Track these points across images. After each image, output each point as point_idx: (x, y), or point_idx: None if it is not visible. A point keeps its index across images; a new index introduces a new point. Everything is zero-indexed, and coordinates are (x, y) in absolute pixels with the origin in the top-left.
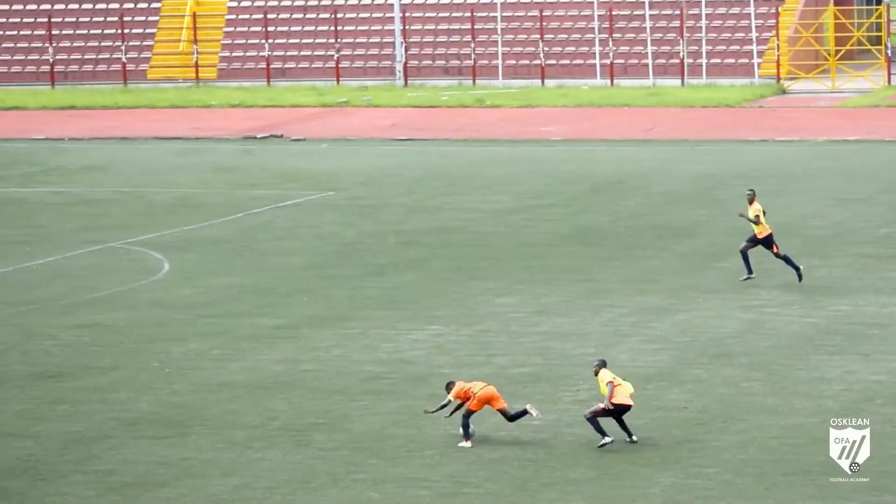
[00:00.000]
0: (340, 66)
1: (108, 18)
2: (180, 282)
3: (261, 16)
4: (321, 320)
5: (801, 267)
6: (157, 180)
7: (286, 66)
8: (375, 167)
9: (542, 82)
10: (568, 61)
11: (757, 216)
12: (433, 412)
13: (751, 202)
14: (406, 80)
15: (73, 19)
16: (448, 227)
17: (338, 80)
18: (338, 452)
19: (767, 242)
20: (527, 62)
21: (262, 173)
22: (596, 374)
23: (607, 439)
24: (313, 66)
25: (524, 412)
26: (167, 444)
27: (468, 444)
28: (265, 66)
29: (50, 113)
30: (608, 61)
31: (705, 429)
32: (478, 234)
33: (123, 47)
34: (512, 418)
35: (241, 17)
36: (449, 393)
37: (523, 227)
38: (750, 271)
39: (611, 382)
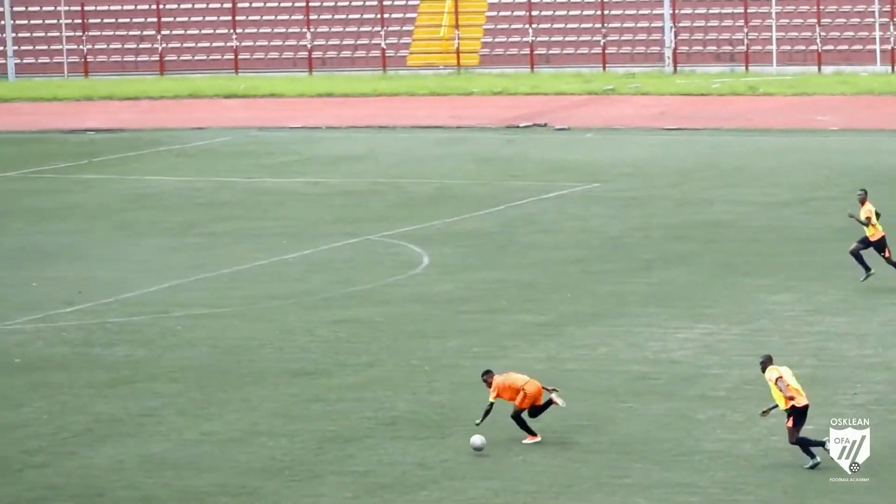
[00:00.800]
0: (607, 51)
1: (368, 3)
2: (440, 276)
3: (524, 0)
4: (585, 317)
5: None
6: (417, 171)
7: (550, 52)
8: (643, 157)
9: (819, 69)
10: (846, 47)
11: (868, 218)
12: (479, 423)
13: (862, 203)
14: (675, 67)
15: (332, 4)
16: (718, 220)
17: (604, 67)
18: (602, 456)
19: (879, 246)
20: (802, 48)
21: (525, 164)
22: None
23: (815, 460)
24: (578, 51)
25: (549, 402)
26: (426, 444)
27: (537, 438)
28: (528, 53)
29: (307, 101)
30: (889, 46)
31: None
32: (750, 229)
33: (383, 33)
34: (537, 413)
35: (504, 1)
36: (487, 383)
37: (798, 221)
38: (867, 269)
39: (780, 378)
